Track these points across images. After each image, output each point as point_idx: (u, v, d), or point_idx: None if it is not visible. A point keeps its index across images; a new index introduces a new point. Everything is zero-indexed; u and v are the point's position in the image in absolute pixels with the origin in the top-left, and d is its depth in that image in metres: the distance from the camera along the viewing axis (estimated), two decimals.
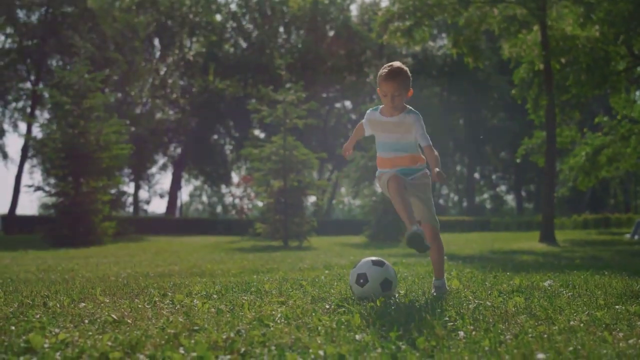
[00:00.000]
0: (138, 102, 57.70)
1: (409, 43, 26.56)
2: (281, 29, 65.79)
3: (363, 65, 61.92)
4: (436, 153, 5.38)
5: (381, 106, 5.53)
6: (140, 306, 4.73)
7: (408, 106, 5.42)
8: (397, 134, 5.40)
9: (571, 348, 3.17)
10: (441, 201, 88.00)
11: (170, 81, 61.65)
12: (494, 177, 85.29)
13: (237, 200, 56.76)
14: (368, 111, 5.64)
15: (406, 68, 5.37)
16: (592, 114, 47.86)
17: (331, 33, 63.47)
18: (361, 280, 5.14)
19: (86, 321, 4.04)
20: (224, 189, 77.27)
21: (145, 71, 55.57)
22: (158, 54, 63.39)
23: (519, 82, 26.94)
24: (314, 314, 4.29)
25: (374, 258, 5.43)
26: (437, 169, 5.17)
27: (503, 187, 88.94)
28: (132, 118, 49.41)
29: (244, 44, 65.64)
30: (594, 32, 25.17)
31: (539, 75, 25.97)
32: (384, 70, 5.33)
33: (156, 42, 63.15)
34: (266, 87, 29.28)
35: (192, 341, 3.35)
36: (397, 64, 5.34)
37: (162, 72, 61.92)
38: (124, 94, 53.77)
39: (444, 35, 63.31)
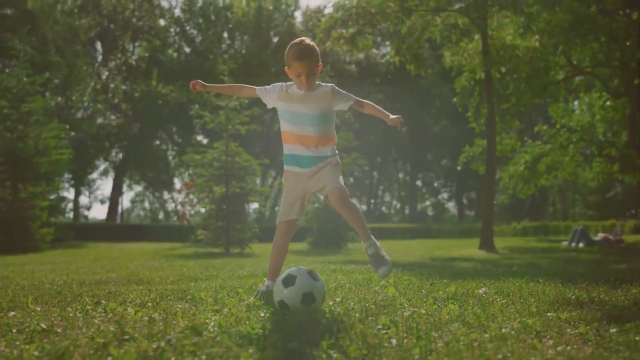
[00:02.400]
0: (79, 107, 57.07)
1: (352, 50, 26.70)
2: (225, 35, 65.65)
3: None
4: (372, 104, 5.37)
5: (292, 84, 5.34)
6: (71, 315, 4.64)
7: (317, 82, 5.26)
8: (307, 106, 5.23)
9: (500, 355, 3.20)
10: (383, 208, 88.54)
11: (112, 85, 61.12)
12: (435, 184, 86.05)
13: (179, 207, 56.41)
14: (279, 84, 5.44)
15: (314, 43, 5.20)
16: (532, 123, 48.58)
17: (275, 39, 63.52)
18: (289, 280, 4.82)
19: (14, 330, 3.95)
20: (166, 195, 76.78)
21: (87, 75, 54.97)
22: (100, 57, 62.80)
23: (461, 91, 27.21)
24: (247, 322, 4.27)
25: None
26: (392, 116, 5.16)
27: (445, 195, 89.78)
28: (72, 122, 48.67)
29: (187, 49, 65.34)
30: (534, 42, 25.60)
31: (480, 83, 26.27)
32: (294, 48, 5.11)
33: (98, 45, 62.63)
34: (209, 93, 29.04)
35: (122, 351, 3.29)
36: (306, 40, 5.15)
37: (104, 77, 61.36)
38: (65, 98, 53.07)
39: (387, 43, 63.72)
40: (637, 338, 3.68)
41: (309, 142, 5.28)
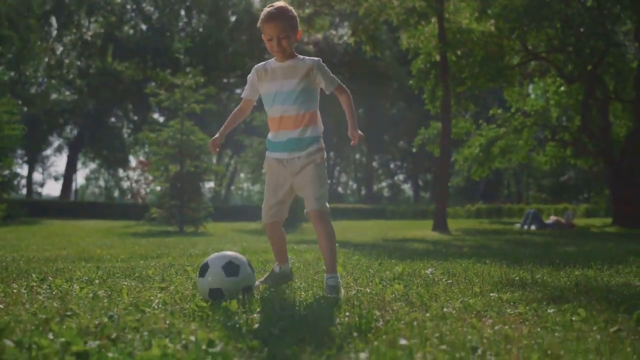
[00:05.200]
0: (33, 82, 56.33)
1: (309, 31, 26.66)
2: (182, 12, 65.13)
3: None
4: (350, 99, 4.98)
5: (270, 60, 4.97)
6: (15, 291, 4.62)
7: (301, 55, 4.90)
8: (289, 81, 4.82)
9: (438, 334, 3.25)
10: (339, 189, 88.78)
11: (66, 61, 60.37)
12: (392, 165, 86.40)
13: (134, 185, 56.09)
14: (255, 66, 5.06)
15: (291, 7, 4.87)
16: (487, 107, 48.93)
17: (233, 18, 63.13)
18: (202, 271, 4.43)
19: None
20: (121, 172, 76.23)
21: (41, 50, 54.24)
22: (55, 32, 61.91)
23: (417, 73, 27.26)
24: (192, 299, 4.28)
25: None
26: (356, 132, 4.83)
27: (401, 176, 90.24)
28: (26, 98, 48.15)
29: (144, 26, 64.68)
30: (489, 27, 25.79)
31: (436, 66, 26.38)
32: (265, 10, 4.80)
33: (53, 20, 61.64)
34: (165, 71, 28.91)
35: (63, 326, 3.29)
36: (280, 2, 4.84)
37: (58, 52, 60.55)
38: (18, 73, 52.30)
39: (345, 23, 63.67)
40: (573, 318, 3.77)
41: (289, 124, 4.86)
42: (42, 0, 54.72)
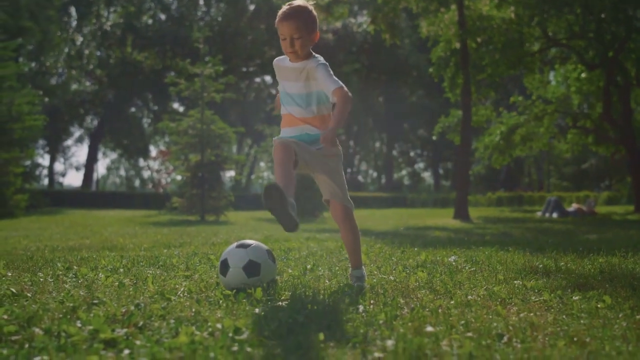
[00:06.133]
0: (53, 73, 56.59)
1: (328, 19, 26.63)
2: (201, 2, 65.13)
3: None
4: (346, 102, 4.37)
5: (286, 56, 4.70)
6: (42, 280, 4.66)
7: (315, 54, 4.64)
8: (300, 83, 4.59)
9: (463, 321, 3.25)
10: (360, 177, 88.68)
11: (86, 52, 60.57)
12: (412, 154, 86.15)
13: (154, 174, 56.30)
14: (275, 60, 4.81)
15: (311, 7, 4.59)
16: (507, 94, 48.73)
17: (252, 7, 63.07)
18: (223, 269, 4.41)
19: None
20: (141, 162, 76.54)
21: (61, 41, 54.43)
22: (74, 23, 62.13)
23: (437, 61, 27.18)
24: (217, 288, 4.31)
25: (241, 242, 4.61)
26: (329, 135, 4.26)
27: (421, 164, 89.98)
28: (46, 89, 48.28)
29: (163, 16, 64.75)
30: (509, 13, 25.65)
31: (456, 54, 26.28)
32: (282, 8, 4.55)
33: (72, 11, 61.87)
34: (184, 60, 28.90)
35: (90, 314, 3.32)
36: (298, 1, 4.57)
37: (78, 43, 60.76)
38: (39, 64, 52.55)
39: (364, 11, 63.46)
40: (598, 305, 3.76)
41: (304, 125, 4.64)
42: None
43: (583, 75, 30.44)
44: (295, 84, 4.61)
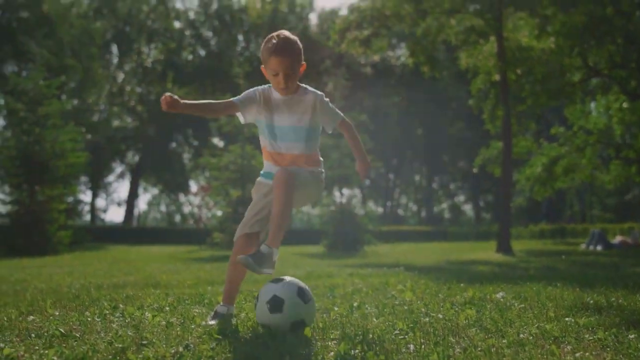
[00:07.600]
0: (95, 110, 57.37)
1: (367, 52, 26.72)
2: (240, 37, 65.80)
3: (322, 74, 62.00)
4: (354, 130, 4.57)
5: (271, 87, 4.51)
6: (89, 319, 4.66)
7: (303, 85, 4.51)
8: (295, 115, 4.43)
9: None
10: (400, 211, 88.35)
11: (127, 88, 61.42)
12: (452, 186, 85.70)
13: (195, 210, 56.58)
14: (256, 89, 4.52)
15: (295, 37, 4.42)
16: (548, 125, 48.36)
17: None
18: (255, 302, 4.31)
19: (33, 335, 3.96)
20: (182, 197, 77.03)
21: (103, 78, 55.22)
22: (115, 60, 63.07)
23: (476, 93, 27.14)
24: (265, 328, 4.27)
25: (280, 277, 4.45)
26: (365, 164, 4.51)
27: (461, 197, 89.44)
28: (89, 125, 48.98)
29: (202, 52, 65.49)
30: (549, 44, 25.52)
31: (496, 85, 26.20)
32: (271, 41, 4.32)
33: (114, 48, 62.87)
34: (224, 95, 29.06)
35: (140, 356, 3.31)
36: (285, 32, 4.38)
37: (119, 79, 61.61)
38: (81, 101, 53.29)
39: (403, 44, 63.65)
40: None
41: (295, 163, 4.49)
42: (104, 29, 55.79)
43: (625, 105, 30.13)
44: (292, 116, 4.43)
